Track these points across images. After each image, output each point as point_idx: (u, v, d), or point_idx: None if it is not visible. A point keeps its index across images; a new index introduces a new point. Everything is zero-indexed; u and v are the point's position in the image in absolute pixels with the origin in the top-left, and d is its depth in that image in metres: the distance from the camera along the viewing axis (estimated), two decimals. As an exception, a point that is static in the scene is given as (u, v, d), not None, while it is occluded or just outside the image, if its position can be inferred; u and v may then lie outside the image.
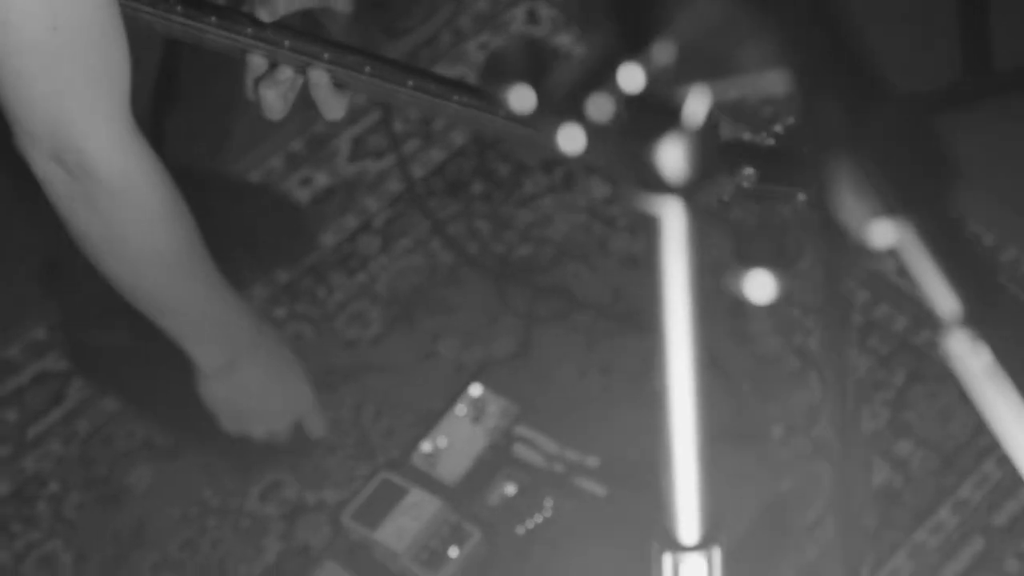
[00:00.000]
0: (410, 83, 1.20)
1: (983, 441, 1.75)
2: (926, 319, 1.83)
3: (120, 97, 1.25)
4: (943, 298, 0.42)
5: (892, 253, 0.42)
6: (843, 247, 0.46)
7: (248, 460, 1.76)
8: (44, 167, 1.25)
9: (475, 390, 1.74)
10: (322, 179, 2.02)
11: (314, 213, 1.99)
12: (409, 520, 1.64)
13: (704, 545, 0.63)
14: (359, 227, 1.98)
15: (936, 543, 1.68)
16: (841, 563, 0.61)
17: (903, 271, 1.85)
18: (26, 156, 1.26)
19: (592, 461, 1.67)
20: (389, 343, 1.89)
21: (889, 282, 1.87)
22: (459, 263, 1.93)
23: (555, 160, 1.99)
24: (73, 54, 1.19)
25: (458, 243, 1.94)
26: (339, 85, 1.22)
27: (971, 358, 0.41)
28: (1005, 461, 1.72)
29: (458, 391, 1.78)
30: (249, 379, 1.52)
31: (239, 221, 1.93)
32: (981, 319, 0.40)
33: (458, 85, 1.21)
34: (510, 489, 1.66)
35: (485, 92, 0.58)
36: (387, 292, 1.92)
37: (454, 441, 1.70)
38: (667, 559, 0.64)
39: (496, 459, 1.70)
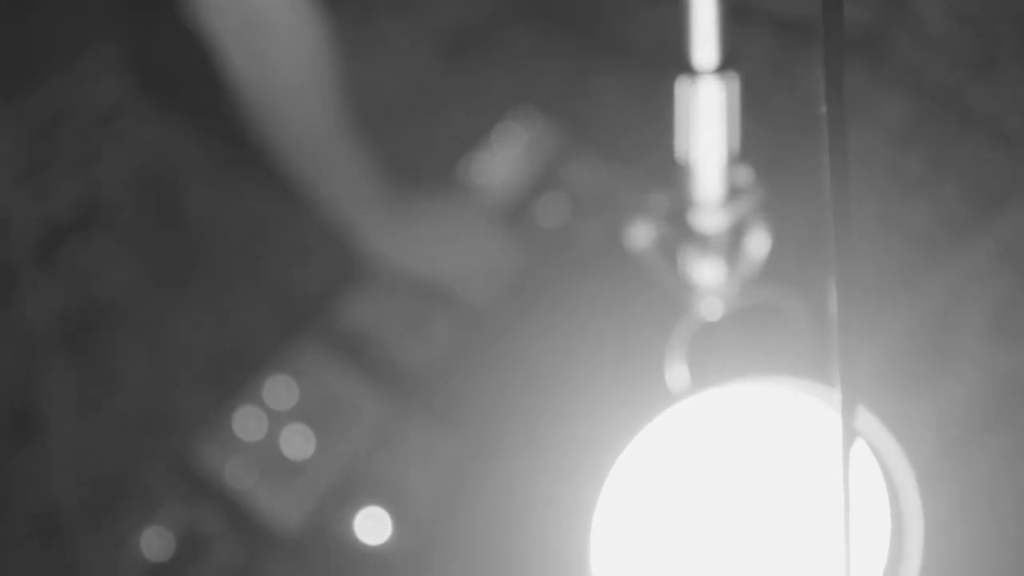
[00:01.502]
0: None
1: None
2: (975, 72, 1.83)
3: None
4: None
5: None
6: None
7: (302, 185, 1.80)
8: (217, 19, 1.32)
9: (523, 109, 1.75)
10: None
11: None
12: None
13: (721, 69, 0.66)
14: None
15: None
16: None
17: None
18: (199, 15, 1.33)
19: (641, 182, 1.70)
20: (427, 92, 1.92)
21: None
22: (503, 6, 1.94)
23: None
24: None
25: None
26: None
27: None
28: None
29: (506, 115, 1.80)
30: (417, 218, 1.58)
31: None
32: None
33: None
34: (558, 210, 1.69)
35: None
36: (435, 26, 1.93)
37: (500, 158, 1.72)
38: (685, 82, 0.67)
39: (544, 179, 1.72)
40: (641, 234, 0.74)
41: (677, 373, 0.74)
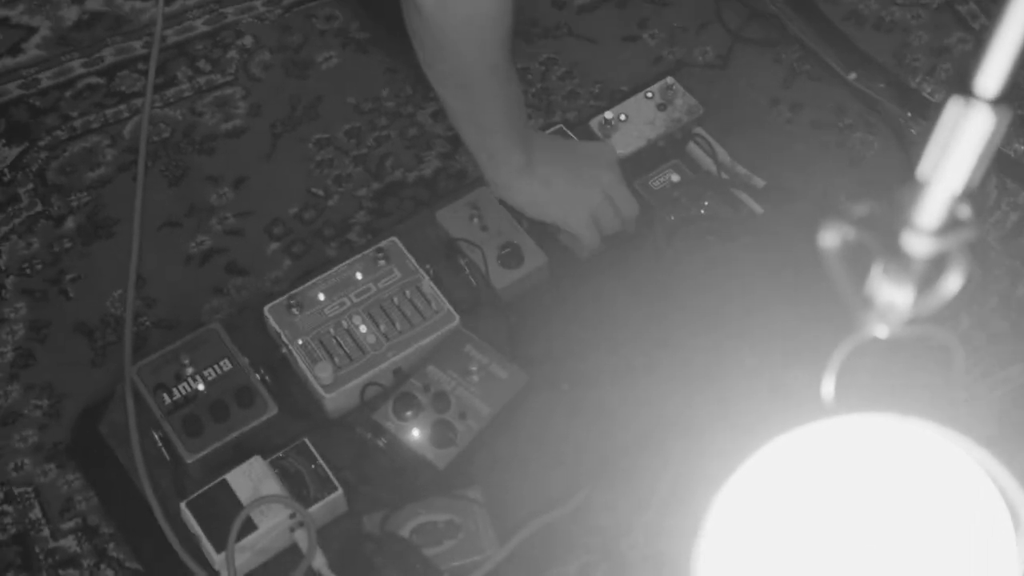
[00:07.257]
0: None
1: None
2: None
3: None
4: None
5: None
6: None
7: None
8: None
9: (668, 81, 1.76)
10: None
11: None
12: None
13: (999, 101, 0.64)
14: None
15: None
16: None
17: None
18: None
19: (757, 181, 1.69)
20: (597, 15, 1.91)
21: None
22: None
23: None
24: None
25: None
26: None
27: None
28: None
29: (649, 80, 1.80)
30: (548, 169, 1.57)
31: None
32: None
33: None
34: (673, 177, 1.68)
35: None
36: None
37: (634, 119, 1.72)
38: (957, 103, 0.65)
39: (668, 148, 1.71)
40: (833, 236, 0.72)
41: (828, 387, 0.73)
